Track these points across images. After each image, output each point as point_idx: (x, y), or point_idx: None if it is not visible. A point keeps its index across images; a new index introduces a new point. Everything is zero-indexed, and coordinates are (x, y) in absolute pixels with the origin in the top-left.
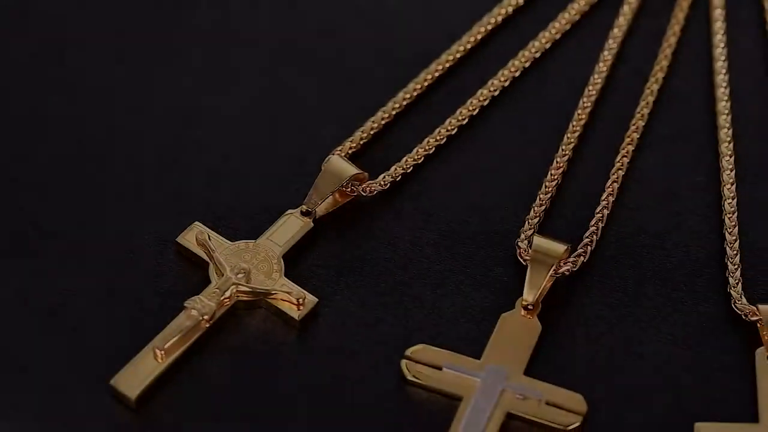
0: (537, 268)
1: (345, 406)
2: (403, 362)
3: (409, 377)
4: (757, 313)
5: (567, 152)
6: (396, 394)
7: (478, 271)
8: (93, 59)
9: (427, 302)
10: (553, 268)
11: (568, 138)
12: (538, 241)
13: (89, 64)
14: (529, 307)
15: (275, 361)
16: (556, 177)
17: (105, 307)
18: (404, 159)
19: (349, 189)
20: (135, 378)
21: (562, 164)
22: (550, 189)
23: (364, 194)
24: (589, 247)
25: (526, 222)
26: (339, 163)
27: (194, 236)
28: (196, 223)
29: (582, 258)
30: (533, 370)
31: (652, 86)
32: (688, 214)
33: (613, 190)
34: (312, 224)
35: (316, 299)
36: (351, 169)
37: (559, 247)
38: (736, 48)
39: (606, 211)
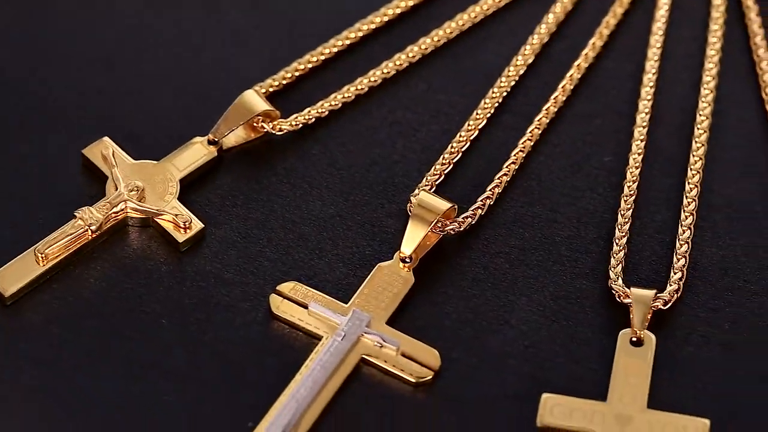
0: (418, 222)
1: (209, 331)
2: (272, 296)
3: (276, 312)
4: (629, 296)
5: (481, 117)
6: (261, 327)
7: (368, 220)
8: None
9: (311, 243)
10: (436, 224)
11: (485, 104)
12: (424, 196)
13: None
14: (406, 260)
15: (152, 279)
16: (464, 139)
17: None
18: (320, 103)
19: (259, 125)
20: (12, 277)
21: (473, 128)
22: (455, 150)
23: (272, 132)
24: (480, 210)
25: (425, 178)
26: (251, 97)
27: (100, 150)
28: (105, 138)
29: (470, 220)
30: (398, 322)
31: (581, 64)
32: (588, 191)
33: (517, 159)
34: (216, 154)
35: (202, 225)
36: (262, 105)
37: (443, 205)
38: (675, 36)
39: (506, 178)
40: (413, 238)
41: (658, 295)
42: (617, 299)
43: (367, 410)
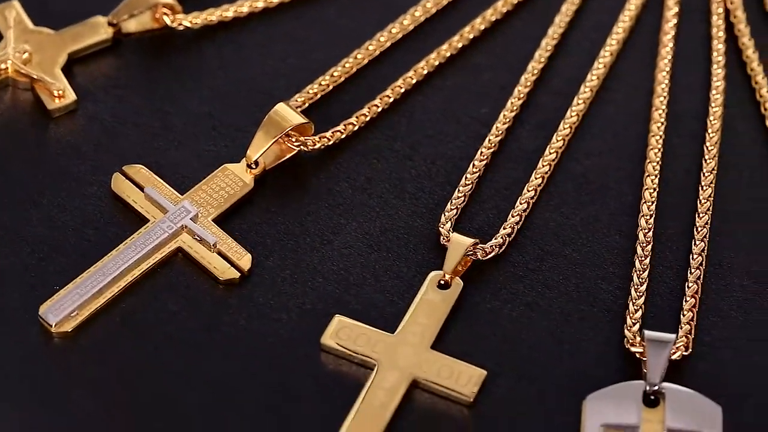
0: (268, 130)
1: (48, 195)
2: (116, 175)
3: (115, 189)
4: (449, 239)
5: (374, 49)
6: (100, 203)
7: (235, 124)
8: None
9: (174, 134)
10: (290, 139)
11: (381, 37)
12: (280, 107)
13: None
14: (251, 165)
15: (15, 140)
16: (350, 67)
17: None
18: (224, 6)
19: (160, 17)
20: None
21: (363, 57)
22: (337, 75)
23: (172, 27)
24: (339, 133)
25: (295, 97)
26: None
27: (3, 10)
28: (15, 2)
29: (327, 140)
30: (227, 222)
31: (487, 17)
32: (453, 138)
33: (394, 92)
34: (111, 36)
35: (75, 98)
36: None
37: (296, 118)
38: (591, 7)
39: (376, 108)
40: (260, 144)
41: (480, 245)
42: (440, 242)
43: (172, 300)
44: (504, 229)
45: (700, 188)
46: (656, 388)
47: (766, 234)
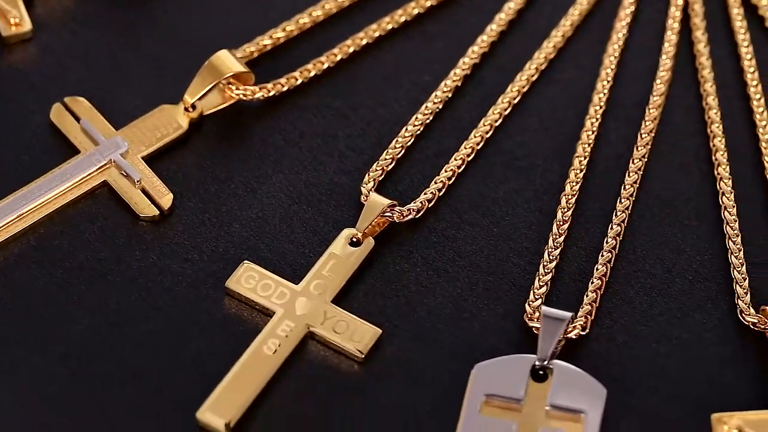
0: (207, 75)
1: None
2: (56, 105)
3: (52, 118)
4: (366, 200)
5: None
6: (39, 130)
7: (183, 66)
8: None
9: (119, 73)
10: (229, 86)
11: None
12: (222, 53)
13: None
14: (188, 108)
15: None
16: (305, 22)
17: None
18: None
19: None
20: None
21: (313, 17)
22: (288, 30)
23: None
24: (280, 86)
25: (243, 48)
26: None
27: None
28: None
29: (266, 92)
30: (156, 161)
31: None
32: (393, 101)
33: (341, 51)
34: None
35: (31, 26)
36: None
37: (235, 66)
38: None
39: (321, 65)
40: (197, 88)
41: (398, 207)
42: (360, 200)
43: (90, 230)
44: (425, 194)
45: (627, 174)
46: (545, 363)
47: (684, 225)
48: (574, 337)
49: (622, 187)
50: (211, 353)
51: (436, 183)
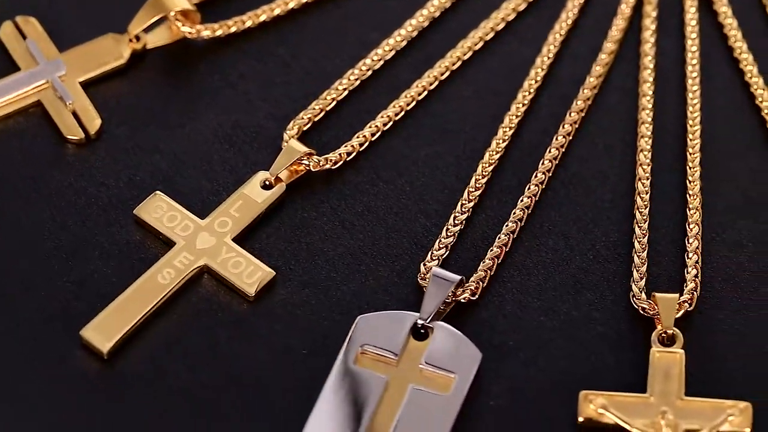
0: (151, 8)
1: None
2: (6, 23)
3: (2, 37)
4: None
5: None
6: None
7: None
8: None
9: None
10: (176, 20)
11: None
12: None
13: None
14: (131, 39)
15: None
16: None
17: None
18: None
19: None
20: None
21: None
22: None
23: None
24: (227, 27)
25: None
26: None
27: None
28: None
29: (215, 30)
30: (93, 88)
31: None
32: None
33: (283, 11)
34: None
35: None
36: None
37: (182, 1)
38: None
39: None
40: (141, 21)
41: (315, 156)
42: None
43: (14, 146)
44: (344, 147)
45: (548, 149)
46: (426, 322)
47: (596, 206)
48: (463, 301)
49: (541, 161)
50: (107, 276)
51: (357, 137)
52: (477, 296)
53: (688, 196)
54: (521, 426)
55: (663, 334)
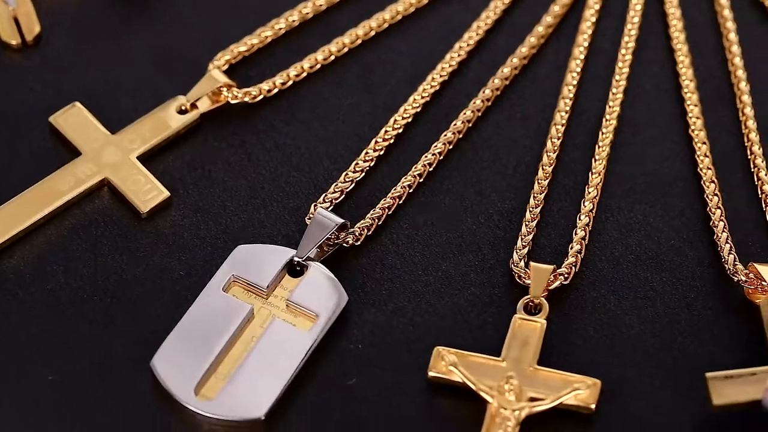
0: None
1: None
2: None
3: None
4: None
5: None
6: None
7: None
8: None
9: None
10: None
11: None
12: None
13: None
14: None
15: None
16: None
17: None
18: None
19: None
20: None
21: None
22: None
23: None
24: None
25: None
26: None
27: None
28: None
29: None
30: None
31: None
32: None
33: None
34: None
35: None
36: None
37: None
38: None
39: None
40: None
41: (235, 89)
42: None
43: None
44: (266, 83)
45: (464, 111)
46: (302, 260)
47: (498, 172)
48: (345, 245)
49: (453, 122)
50: (11, 177)
51: (281, 76)
52: (360, 242)
53: (590, 173)
54: (375, 373)
55: (530, 303)
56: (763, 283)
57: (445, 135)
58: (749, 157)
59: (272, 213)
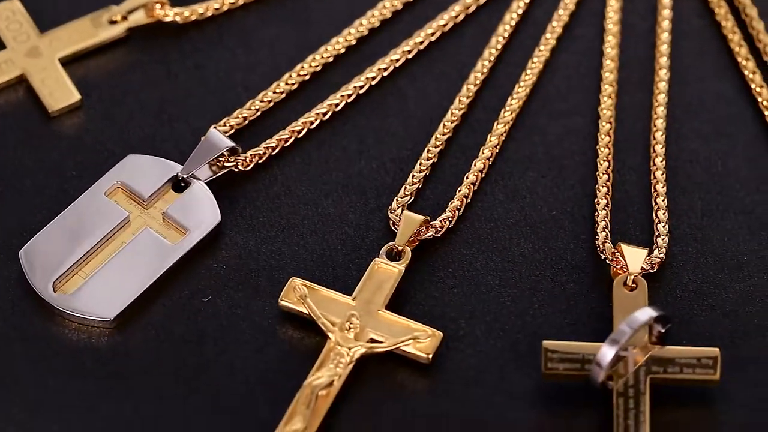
0: None
1: None
2: None
3: None
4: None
5: None
6: None
7: None
8: None
9: None
10: None
11: None
12: None
13: None
14: None
15: None
16: None
17: None
18: None
19: None
20: None
21: None
22: None
23: None
24: None
25: None
26: None
27: None
28: None
29: None
30: None
31: None
32: None
33: None
34: None
35: None
36: None
37: None
38: None
39: None
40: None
41: (168, 8)
42: None
43: None
44: (200, 6)
45: (371, 67)
46: (186, 176)
47: (383, 125)
48: (235, 170)
49: (369, 69)
50: None
51: (216, 1)
52: (249, 168)
53: (489, 135)
54: (230, 295)
55: (394, 249)
56: (624, 263)
57: (359, 78)
58: (651, 143)
59: (176, 130)
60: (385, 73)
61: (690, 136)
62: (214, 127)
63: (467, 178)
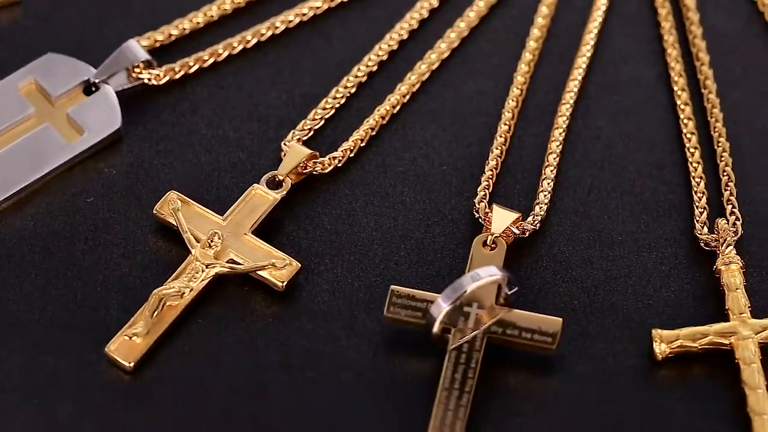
0: None
1: None
2: None
3: None
4: None
5: None
6: None
7: None
8: None
9: None
10: None
11: None
12: None
13: None
14: None
15: None
16: None
17: None
18: None
19: None
20: None
21: None
22: None
23: None
24: None
25: None
26: None
27: None
28: None
29: None
30: None
31: None
32: None
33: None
34: None
35: None
36: None
37: None
38: None
39: None
40: None
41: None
42: None
43: None
44: None
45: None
46: (98, 81)
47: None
48: (148, 82)
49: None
50: None
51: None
52: (161, 83)
53: (399, 84)
54: (113, 200)
55: (276, 178)
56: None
57: (290, 12)
58: (557, 114)
59: (108, 39)
60: (318, 11)
61: (598, 114)
62: (136, 40)
63: (367, 122)
